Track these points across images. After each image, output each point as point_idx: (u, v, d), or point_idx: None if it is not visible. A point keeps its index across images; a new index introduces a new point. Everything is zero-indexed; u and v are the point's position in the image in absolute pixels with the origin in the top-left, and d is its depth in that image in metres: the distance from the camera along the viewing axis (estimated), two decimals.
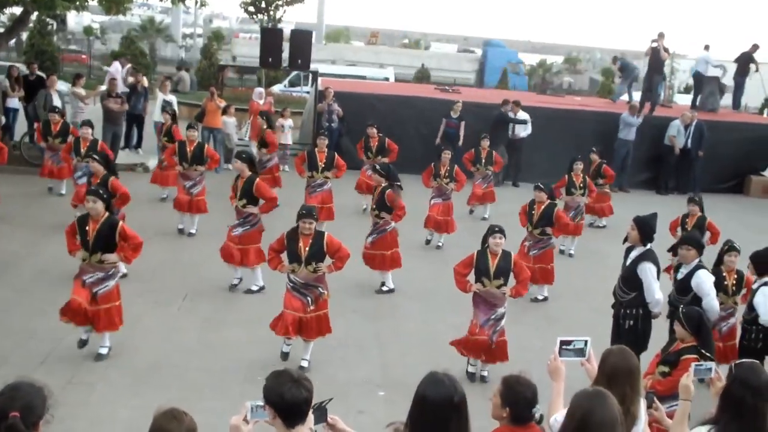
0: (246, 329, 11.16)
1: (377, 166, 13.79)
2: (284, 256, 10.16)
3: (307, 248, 9.89)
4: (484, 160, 18.46)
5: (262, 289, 12.75)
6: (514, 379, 5.28)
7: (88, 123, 15.90)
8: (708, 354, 7.18)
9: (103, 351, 9.90)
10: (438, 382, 4.61)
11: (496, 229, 10.15)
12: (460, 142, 21.35)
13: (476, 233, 10.87)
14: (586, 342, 5.87)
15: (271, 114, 21.42)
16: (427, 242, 16.29)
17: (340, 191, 16.76)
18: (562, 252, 16.33)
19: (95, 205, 9.66)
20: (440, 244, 16.04)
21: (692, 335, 7.30)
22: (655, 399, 6.53)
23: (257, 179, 12.63)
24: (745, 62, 26.56)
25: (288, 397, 4.45)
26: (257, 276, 12.80)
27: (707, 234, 13.23)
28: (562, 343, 5.81)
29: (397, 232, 13.40)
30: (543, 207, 13.13)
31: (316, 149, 16.06)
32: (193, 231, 15.31)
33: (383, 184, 13.18)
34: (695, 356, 7.18)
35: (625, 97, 26.90)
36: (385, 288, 13.38)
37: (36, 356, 9.75)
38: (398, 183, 13.33)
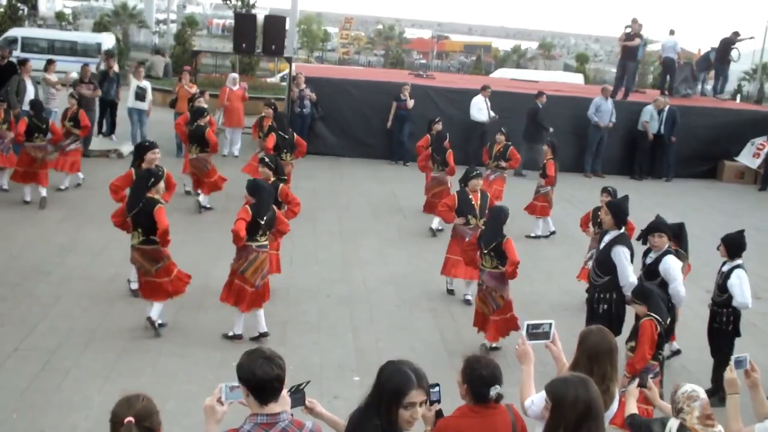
0: (220, 315, 11.11)
1: (266, 159, 12.35)
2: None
3: None
4: (496, 155, 17.47)
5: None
6: (475, 358, 5.31)
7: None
8: (659, 318, 7.59)
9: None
10: (401, 372, 4.55)
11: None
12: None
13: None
14: (550, 324, 5.92)
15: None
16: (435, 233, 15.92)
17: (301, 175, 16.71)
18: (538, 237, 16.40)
19: None
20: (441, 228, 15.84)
21: (642, 305, 7.73)
22: (649, 378, 6.64)
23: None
24: (725, 49, 26.37)
25: (259, 373, 4.43)
26: None
27: None
28: (530, 326, 5.85)
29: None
30: (479, 195, 12.57)
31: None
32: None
33: (272, 179, 11.88)
34: (649, 318, 7.66)
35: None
36: None
37: (9, 343, 9.68)
38: (284, 177, 12.64)
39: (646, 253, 9.86)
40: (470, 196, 12.42)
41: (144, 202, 9.94)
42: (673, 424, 5.88)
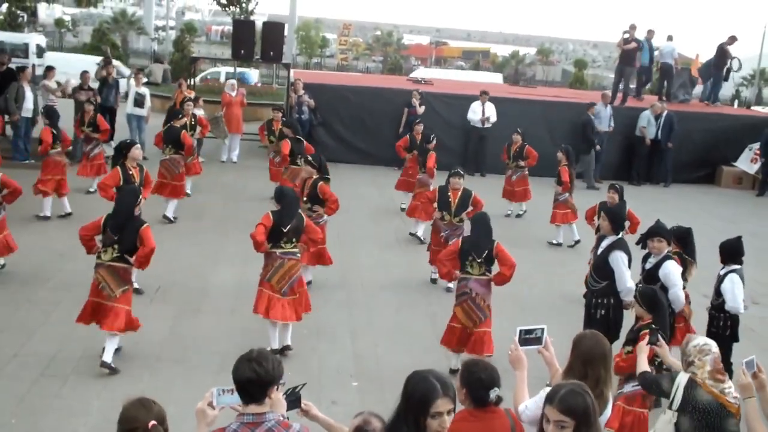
0: (219, 320, 11.16)
1: (309, 157, 13.05)
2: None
3: None
4: (513, 155, 18.15)
5: None
6: (473, 362, 5.33)
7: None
8: (661, 333, 7.41)
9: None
10: (426, 382, 4.63)
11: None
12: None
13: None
14: (542, 330, 5.94)
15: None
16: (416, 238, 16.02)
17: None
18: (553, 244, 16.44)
19: None
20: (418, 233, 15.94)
21: (647, 312, 7.56)
22: (659, 336, 6.68)
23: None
24: (721, 55, 26.19)
25: (246, 374, 4.57)
26: None
27: (627, 223, 12.42)
28: (522, 332, 5.87)
29: (326, 227, 12.77)
30: (459, 194, 12.85)
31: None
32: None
33: (315, 176, 12.43)
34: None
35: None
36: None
37: (8, 348, 9.70)
38: (328, 176, 12.73)
39: (645, 258, 9.86)
40: (449, 194, 12.85)
41: (129, 220, 9.61)
42: (682, 378, 5.96)
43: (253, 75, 39.41)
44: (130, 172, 12.16)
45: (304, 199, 12.32)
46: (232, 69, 31.47)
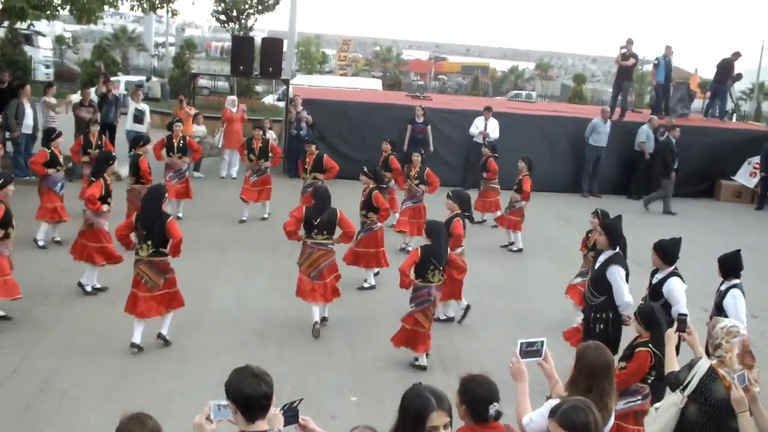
0: (218, 335, 11.15)
1: (365, 168, 13.59)
2: None
3: None
4: (480, 167, 18.58)
5: None
6: (470, 378, 5.29)
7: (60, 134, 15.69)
8: (656, 351, 7.39)
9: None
10: (422, 396, 4.68)
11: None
12: (431, 147, 21.33)
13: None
14: (542, 342, 5.97)
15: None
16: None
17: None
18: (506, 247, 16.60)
19: None
20: (409, 247, 16.03)
21: (645, 330, 7.56)
22: (688, 324, 6.70)
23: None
24: (723, 70, 26.17)
25: (248, 391, 4.54)
26: None
27: None
28: (523, 345, 5.90)
29: (383, 231, 13.75)
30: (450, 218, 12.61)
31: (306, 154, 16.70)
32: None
33: (371, 186, 13.36)
34: (647, 350, 7.45)
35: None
36: (366, 284, 13.75)
37: (7, 364, 9.70)
38: (383, 186, 13.68)
39: (653, 273, 9.83)
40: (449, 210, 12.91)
41: (158, 216, 10.26)
42: (703, 364, 5.89)
43: (155, 88, 39.39)
44: (108, 183, 12.70)
45: (360, 206, 13.58)
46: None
